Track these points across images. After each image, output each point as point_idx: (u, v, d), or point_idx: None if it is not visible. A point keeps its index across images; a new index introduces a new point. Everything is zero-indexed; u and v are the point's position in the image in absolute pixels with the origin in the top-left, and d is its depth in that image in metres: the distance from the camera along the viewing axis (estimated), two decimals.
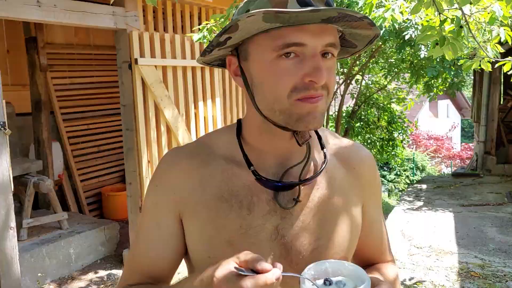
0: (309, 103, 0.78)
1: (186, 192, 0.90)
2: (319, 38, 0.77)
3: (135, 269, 0.94)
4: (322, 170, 0.90)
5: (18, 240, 3.37)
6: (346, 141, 1.02)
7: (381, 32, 5.12)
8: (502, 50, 2.54)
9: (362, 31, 0.83)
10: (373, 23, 0.77)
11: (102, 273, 4.21)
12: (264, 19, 0.73)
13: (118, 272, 4.22)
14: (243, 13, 0.77)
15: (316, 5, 0.76)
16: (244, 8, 0.82)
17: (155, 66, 3.96)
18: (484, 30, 2.53)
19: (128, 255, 0.98)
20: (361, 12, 4.95)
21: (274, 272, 0.64)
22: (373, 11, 2.77)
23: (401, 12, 2.81)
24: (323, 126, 0.88)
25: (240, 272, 0.64)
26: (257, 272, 0.64)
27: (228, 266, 0.67)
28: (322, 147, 0.95)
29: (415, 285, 3.86)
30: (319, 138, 0.97)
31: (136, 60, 3.78)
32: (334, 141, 1.00)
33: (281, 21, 0.74)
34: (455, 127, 20.64)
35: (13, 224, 3.14)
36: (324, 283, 0.70)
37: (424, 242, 4.98)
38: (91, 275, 4.17)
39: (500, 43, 2.51)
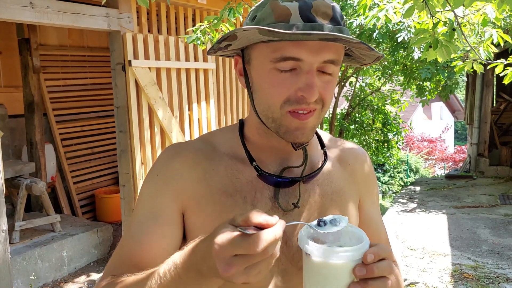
0: (298, 119, 0.81)
1: (190, 183, 0.89)
2: (317, 54, 0.78)
3: (123, 259, 0.87)
4: (322, 168, 0.92)
5: (10, 243, 3.35)
6: (340, 140, 1.06)
7: (375, 34, 5.15)
8: (496, 50, 2.55)
9: (368, 52, 0.84)
10: (371, 48, 0.78)
11: (95, 276, 4.18)
12: (261, 33, 0.76)
13: None
14: (249, 24, 0.81)
15: (318, 21, 0.77)
16: (253, 13, 0.85)
17: (149, 68, 3.95)
18: (477, 32, 2.55)
19: (116, 248, 0.91)
20: (356, 12, 4.96)
21: (281, 224, 0.61)
22: (366, 11, 2.79)
23: (395, 13, 2.83)
24: (319, 127, 0.89)
25: (246, 232, 0.59)
26: (261, 227, 0.60)
27: (226, 229, 0.62)
28: (322, 146, 0.98)
29: (408, 287, 3.87)
30: (319, 137, 0.99)
31: (129, 61, 3.77)
32: (329, 141, 1.04)
33: (278, 36, 0.76)
34: (448, 129, 20.76)
35: (5, 226, 3.11)
36: (318, 224, 0.70)
37: (417, 243, 4.99)
38: (84, 278, 4.14)
39: (495, 44, 2.53)
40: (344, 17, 0.85)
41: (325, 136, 1.04)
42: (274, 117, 0.83)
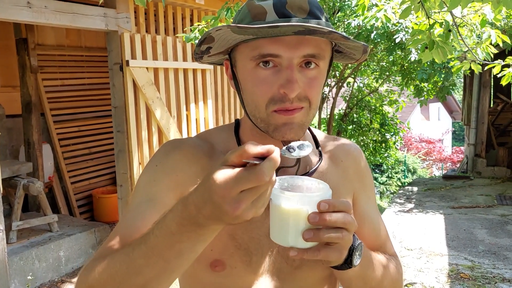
0: (284, 115, 0.81)
1: (188, 177, 0.88)
2: (295, 50, 0.78)
3: (115, 239, 0.82)
4: (316, 168, 0.93)
5: (7, 243, 3.35)
6: (335, 138, 1.06)
7: (373, 35, 5.16)
8: (495, 51, 2.55)
9: (347, 42, 0.83)
10: (346, 36, 0.77)
11: None
12: (233, 31, 0.76)
13: None
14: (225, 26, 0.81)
15: (295, 15, 0.77)
16: (235, 17, 0.86)
17: (147, 68, 3.96)
18: (477, 32, 2.56)
19: (111, 233, 0.86)
20: (355, 13, 4.95)
21: (277, 149, 0.61)
22: (365, 11, 2.80)
23: (394, 13, 2.84)
24: (316, 128, 0.89)
25: (255, 162, 0.58)
26: (262, 156, 0.59)
27: (222, 169, 0.60)
28: (317, 146, 0.98)
29: (405, 287, 3.88)
30: (314, 137, 1.00)
31: (127, 62, 3.77)
32: (325, 139, 1.04)
33: (252, 34, 0.76)
34: (448, 131, 20.76)
35: (2, 226, 3.11)
36: (288, 150, 0.71)
37: (414, 244, 5.00)
38: None
39: (494, 45, 2.53)
40: (325, 13, 0.84)
41: (321, 135, 1.04)
42: (262, 117, 0.83)
